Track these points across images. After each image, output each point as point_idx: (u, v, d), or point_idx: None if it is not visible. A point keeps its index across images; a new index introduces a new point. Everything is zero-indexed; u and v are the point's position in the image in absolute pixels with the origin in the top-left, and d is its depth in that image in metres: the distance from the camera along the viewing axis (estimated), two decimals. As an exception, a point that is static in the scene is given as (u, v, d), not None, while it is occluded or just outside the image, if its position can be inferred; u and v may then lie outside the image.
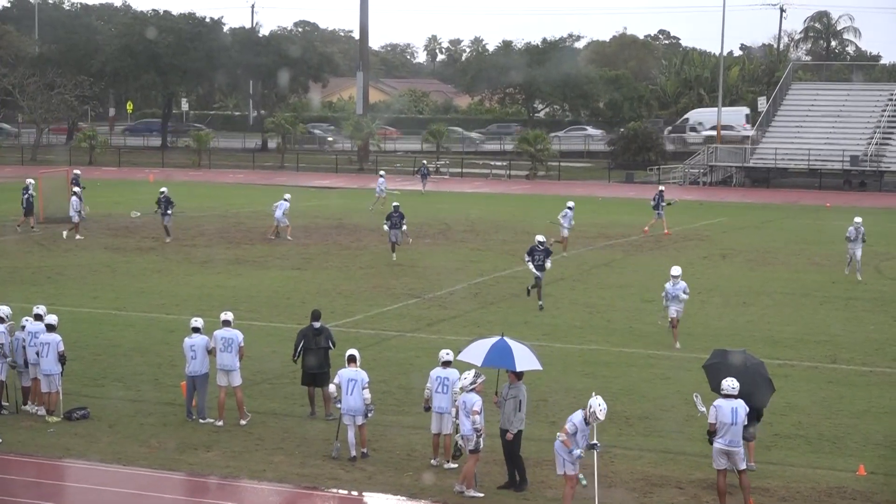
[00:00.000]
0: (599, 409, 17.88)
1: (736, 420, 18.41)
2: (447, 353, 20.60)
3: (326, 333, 23.19)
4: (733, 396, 18.58)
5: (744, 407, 18.55)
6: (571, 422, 17.97)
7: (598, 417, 17.92)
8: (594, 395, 18.23)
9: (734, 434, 18.44)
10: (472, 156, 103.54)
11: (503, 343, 19.75)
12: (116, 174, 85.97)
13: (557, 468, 18.19)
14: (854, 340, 30.87)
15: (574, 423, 17.93)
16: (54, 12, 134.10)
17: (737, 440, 18.48)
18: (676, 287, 29.45)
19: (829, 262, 44.78)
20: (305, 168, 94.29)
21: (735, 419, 18.41)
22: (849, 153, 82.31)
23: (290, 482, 19.58)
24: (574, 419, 17.98)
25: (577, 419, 17.97)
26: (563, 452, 17.98)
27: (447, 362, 20.44)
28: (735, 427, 18.41)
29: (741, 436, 18.56)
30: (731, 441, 18.44)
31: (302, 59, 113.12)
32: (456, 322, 32.29)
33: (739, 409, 18.48)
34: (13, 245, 46.49)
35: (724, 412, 18.48)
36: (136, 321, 32.07)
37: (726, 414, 18.45)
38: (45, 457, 20.79)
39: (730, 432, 18.43)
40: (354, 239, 49.59)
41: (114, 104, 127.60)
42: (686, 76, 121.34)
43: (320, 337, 23.07)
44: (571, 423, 17.95)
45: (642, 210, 65.36)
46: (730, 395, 18.59)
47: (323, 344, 23.04)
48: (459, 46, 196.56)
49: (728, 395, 18.59)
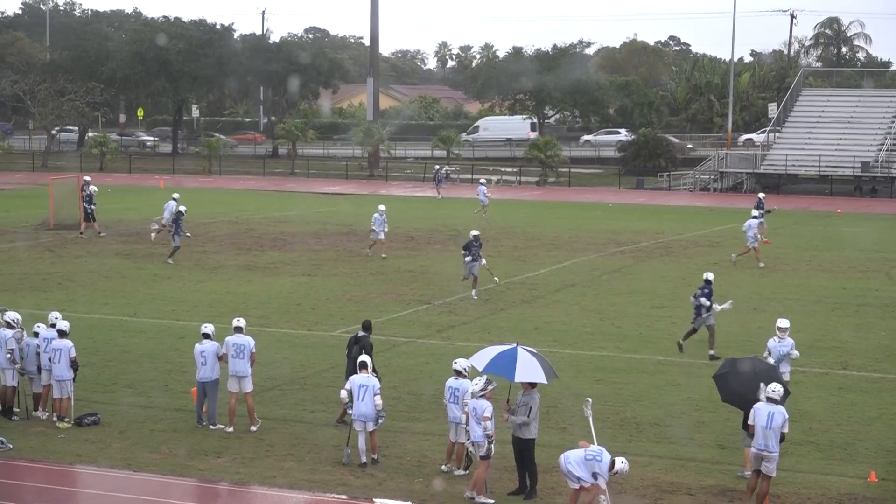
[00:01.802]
0: (623, 466, 17.93)
1: (770, 425, 18.64)
2: (458, 363, 20.57)
3: (363, 343, 22.85)
4: (775, 401, 18.77)
5: (781, 413, 18.74)
6: (603, 475, 17.79)
7: (625, 473, 18.02)
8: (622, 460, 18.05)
9: (767, 438, 18.68)
10: (482, 162, 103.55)
11: (512, 352, 19.68)
12: (127, 180, 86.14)
13: (570, 483, 18.07)
14: (865, 347, 30.81)
15: (605, 476, 17.83)
16: (65, 19, 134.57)
17: (770, 445, 18.67)
18: (784, 344, 23.76)
19: (839, 268, 44.70)
20: (315, 174, 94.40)
21: (770, 424, 18.64)
22: (859, 159, 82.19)
23: (301, 488, 19.57)
24: (604, 470, 17.79)
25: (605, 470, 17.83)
26: (578, 473, 17.88)
27: (458, 372, 20.42)
28: (769, 431, 18.65)
29: (775, 441, 18.73)
30: (764, 445, 18.69)
31: (312, 66, 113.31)
32: (466, 328, 32.28)
33: (776, 414, 18.69)
34: (24, 251, 46.59)
35: (760, 415, 18.78)
36: (146, 327, 32.11)
37: (762, 417, 18.74)
38: (56, 462, 20.81)
39: (763, 436, 18.69)
40: (365, 245, 49.59)
41: (124, 111, 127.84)
42: (696, 82, 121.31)
43: (356, 346, 22.87)
44: (603, 479, 17.80)
45: (652, 216, 65.41)
46: (772, 399, 18.79)
47: (355, 354, 22.82)
48: (470, 53, 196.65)
49: (771, 399, 18.80)
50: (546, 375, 19.53)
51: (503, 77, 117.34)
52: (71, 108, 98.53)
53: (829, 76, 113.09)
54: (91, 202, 50.74)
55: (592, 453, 17.81)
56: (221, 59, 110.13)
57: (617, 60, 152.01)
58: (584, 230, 56.53)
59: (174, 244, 43.75)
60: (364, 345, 22.76)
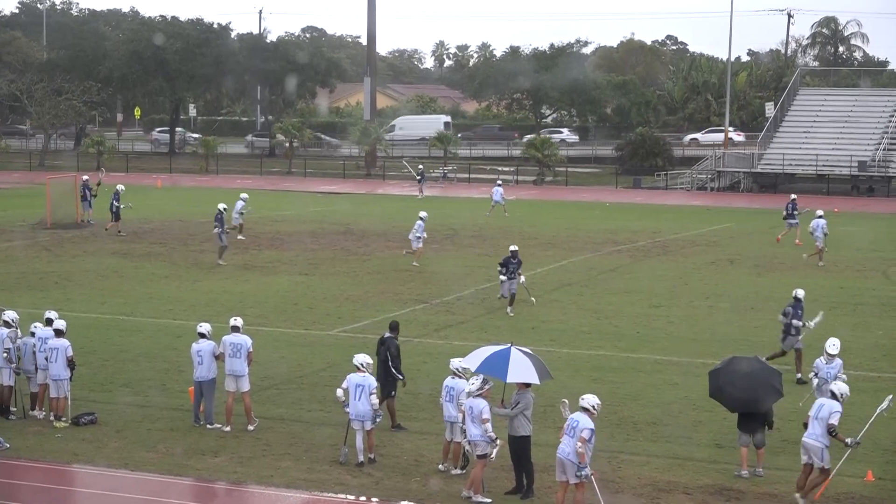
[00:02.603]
0: (595, 402, 18.17)
1: (818, 415, 19.07)
2: (453, 363, 20.58)
3: (388, 344, 22.72)
4: (835, 396, 19.21)
5: (829, 407, 19.01)
6: (588, 429, 17.92)
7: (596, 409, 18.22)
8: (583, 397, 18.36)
9: (814, 428, 19.04)
10: (479, 161, 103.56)
11: (505, 352, 19.66)
12: (124, 179, 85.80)
13: (571, 478, 18.07)
14: (862, 346, 30.80)
15: (591, 429, 17.94)
16: (62, 18, 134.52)
17: (815, 434, 19.01)
18: (832, 366, 22.54)
19: (836, 267, 44.73)
20: (313, 173, 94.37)
21: (817, 414, 19.09)
22: (856, 158, 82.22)
23: (298, 487, 19.57)
24: (588, 425, 17.95)
25: (590, 425, 17.97)
26: (574, 459, 17.92)
27: (455, 372, 20.43)
28: (816, 421, 19.03)
29: (820, 431, 18.98)
30: (809, 433, 19.09)
31: (309, 65, 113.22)
32: (463, 328, 32.28)
33: (825, 407, 19.05)
34: (21, 251, 46.57)
35: (814, 406, 19.40)
36: (143, 326, 32.10)
37: (813, 407, 19.34)
38: (53, 462, 20.80)
39: (811, 425, 19.12)
40: (362, 244, 49.62)
41: (122, 110, 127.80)
42: (694, 82, 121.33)
43: (381, 348, 22.75)
44: (589, 430, 17.92)
45: (650, 215, 65.43)
46: (834, 395, 19.22)
47: (382, 356, 22.74)
48: (467, 52, 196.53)
49: (833, 396, 19.22)
50: (539, 376, 19.50)
51: (500, 76, 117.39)
52: (68, 108, 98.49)
53: (826, 75, 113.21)
54: (118, 200, 50.93)
55: (572, 425, 18.03)
56: (219, 59, 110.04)
57: (614, 60, 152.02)
58: (582, 229, 56.53)
59: (221, 243, 43.12)
60: (389, 346, 22.57)
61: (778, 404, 21.08)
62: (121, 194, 51.34)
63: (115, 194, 51.23)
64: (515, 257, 34.80)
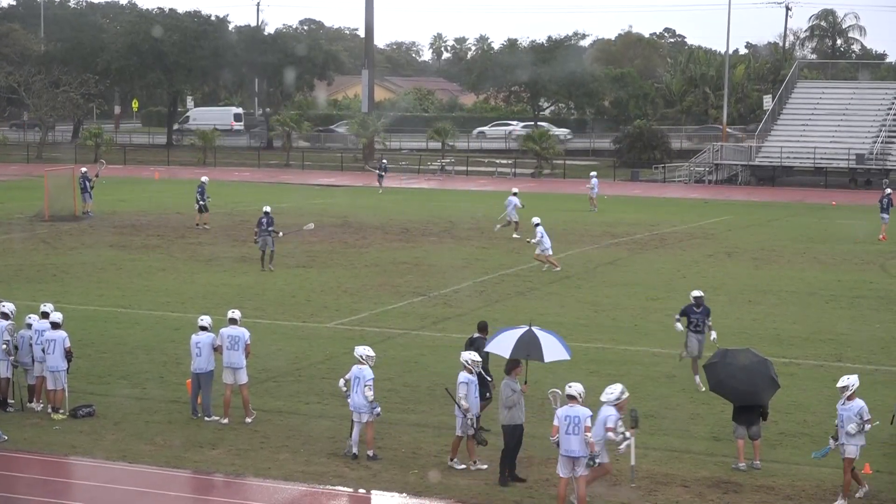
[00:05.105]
0: (581, 389, 18.21)
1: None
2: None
3: (477, 345, 21.97)
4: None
5: (854, 405, 19.12)
6: (615, 417, 18.19)
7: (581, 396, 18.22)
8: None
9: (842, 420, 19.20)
10: (477, 154, 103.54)
11: (531, 334, 19.78)
12: (122, 172, 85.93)
13: (580, 470, 18.09)
14: (860, 339, 30.82)
15: (617, 417, 18.20)
16: (60, 10, 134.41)
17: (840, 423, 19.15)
18: (848, 408, 19.22)
19: (834, 260, 44.73)
20: (311, 166, 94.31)
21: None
22: (854, 151, 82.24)
23: (296, 480, 19.57)
24: (613, 416, 18.18)
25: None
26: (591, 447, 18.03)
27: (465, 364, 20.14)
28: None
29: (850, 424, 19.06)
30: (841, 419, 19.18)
31: (307, 58, 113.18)
32: (461, 320, 32.25)
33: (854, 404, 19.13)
34: (19, 243, 46.53)
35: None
36: (141, 319, 32.08)
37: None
38: (51, 454, 20.80)
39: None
40: (360, 237, 49.59)
41: (119, 102, 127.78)
42: (692, 74, 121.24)
43: (471, 349, 21.88)
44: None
45: (647, 208, 65.42)
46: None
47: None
48: (465, 45, 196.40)
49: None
50: (567, 351, 20.37)
51: (498, 69, 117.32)
52: (66, 100, 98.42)
53: (824, 68, 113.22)
54: (203, 193, 50.90)
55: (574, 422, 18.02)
56: (216, 51, 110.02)
57: (612, 52, 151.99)
58: (579, 222, 56.51)
59: (269, 248, 40.79)
60: (479, 347, 21.84)
61: (773, 396, 21.08)
62: (205, 186, 51.23)
63: (201, 187, 51.08)
64: (700, 305, 25.80)
